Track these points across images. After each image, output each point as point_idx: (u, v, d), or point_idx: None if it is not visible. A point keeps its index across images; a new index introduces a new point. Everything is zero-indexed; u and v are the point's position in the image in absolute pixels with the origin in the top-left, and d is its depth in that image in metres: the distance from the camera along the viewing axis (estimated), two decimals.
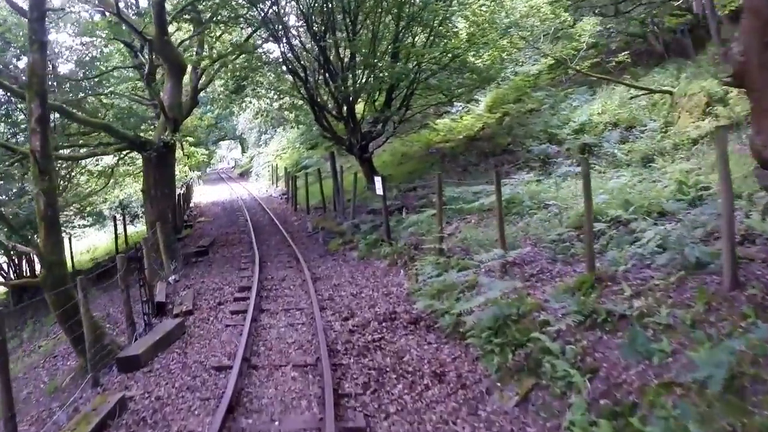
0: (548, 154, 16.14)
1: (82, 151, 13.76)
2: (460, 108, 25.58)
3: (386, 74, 15.96)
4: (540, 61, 19.79)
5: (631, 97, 16.44)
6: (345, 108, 19.51)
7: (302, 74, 18.50)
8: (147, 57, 13.08)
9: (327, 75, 18.47)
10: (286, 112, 26.60)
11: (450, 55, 17.50)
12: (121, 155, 24.04)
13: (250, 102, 34.66)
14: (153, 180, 13.13)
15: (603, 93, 17.88)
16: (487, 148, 18.75)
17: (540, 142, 16.95)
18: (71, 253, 18.81)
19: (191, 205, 29.25)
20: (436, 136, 22.79)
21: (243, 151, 60.61)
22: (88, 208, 19.13)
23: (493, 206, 11.64)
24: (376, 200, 17.05)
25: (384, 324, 7.88)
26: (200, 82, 26.77)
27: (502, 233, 8.49)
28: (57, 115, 12.72)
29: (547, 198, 11.26)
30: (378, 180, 11.80)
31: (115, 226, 19.32)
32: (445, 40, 17.22)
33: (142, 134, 14.73)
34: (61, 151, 14.62)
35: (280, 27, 18.13)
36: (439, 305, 7.88)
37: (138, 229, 26.54)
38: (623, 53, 17.55)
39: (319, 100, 19.63)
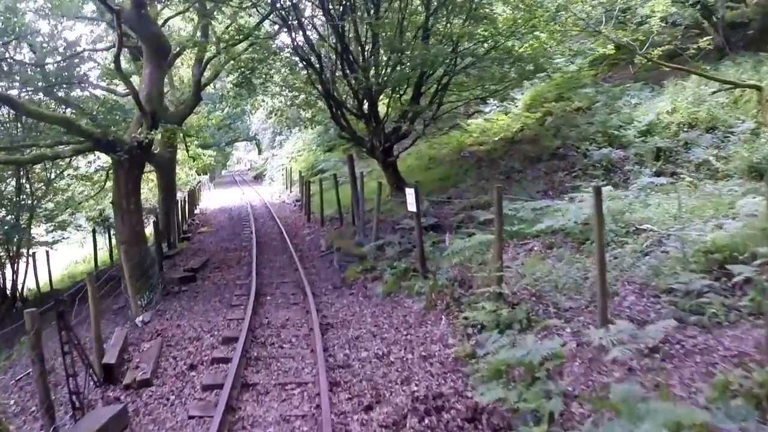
0: (612, 160, 13.26)
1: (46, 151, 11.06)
2: (494, 107, 22.84)
3: (416, 60, 13.18)
4: (595, 51, 16.83)
5: (713, 92, 13.52)
6: (366, 104, 16.81)
7: (317, 65, 15.81)
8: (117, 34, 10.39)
9: (345, 65, 15.77)
10: (300, 111, 23.98)
11: (491, 41, 14.70)
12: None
13: (263, 100, 32.44)
14: (125, 189, 10.46)
15: (669, 88, 14.95)
16: (532, 152, 15.84)
17: (598, 145, 14.06)
18: (48, 269, 16.33)
19: (196, 211, 26.73)
20: (467, 138, 20.04)
21: (259, 153, 58.26)
22: (65, 217, 16.43)
23: (564, 229, 8.85)
24: (403, 212, 14.32)
25: (427, 421, 5.10)
26: (205, 76, 24.31)
27: (603, 279, 5.64)
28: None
29: (637, 220, 8.40)
30: (410, 193, 9.03)
31: (94, 240, 16.74)
32: (484, 26, 14.42)
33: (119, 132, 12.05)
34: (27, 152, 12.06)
35: (291, 9, 15.45)
36: (511, 395, 5.06)
37: None
38: (700, 41, 14.57)
39: (336, 94, 16.95)
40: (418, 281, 8.94)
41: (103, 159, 25.19)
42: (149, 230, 19.17)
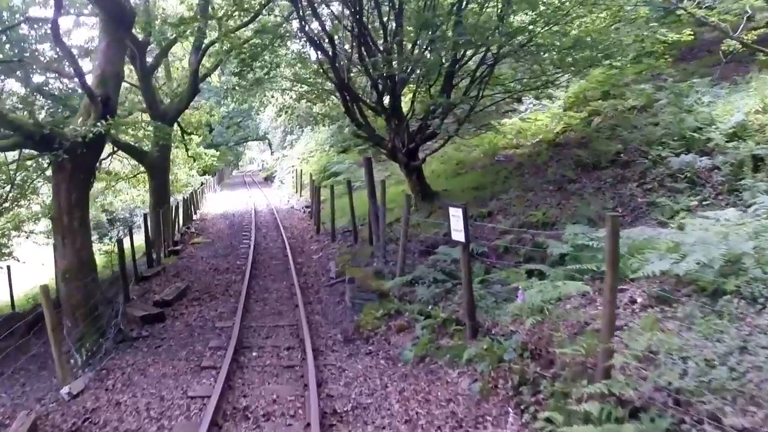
0: (697, 170, 10.40)
1: None
2: (531, 105, 20.06)
3: (454, 38, 10.44)
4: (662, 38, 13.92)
5: None
6: (387, 97, 14.10)
7: (329, 50, 13.18)
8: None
9: (362, 49, 13.10)
10: (312, 107, 21.37)
11: (543, 20, 11.93)
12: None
13: (272, 96, 30.00)
14: (66, 201, 7.72)
15: (753, 84, 12.11)
16: (586, 157, 12.97)
17: (673, 150, 11.19)
18: (10, 285, 13.79)
19: (196, 217, 24.15)
20: (500, 139, 17.33)
21: (272, 153, 55.73)
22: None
23: (690, 275, 6.04)
24: (433, 229, 11.58)
25: None
26: (206, 66, 21.72)
27: None
28: None
29: None
30: (456, 215, 6.26)
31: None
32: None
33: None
34: None
35: None
36: None
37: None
38: None
39: (351, 85, 14.28)
40: (465, 343, 6.18)
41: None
42: (140, 239, 16.70)
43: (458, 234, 6.24)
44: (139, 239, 16.33)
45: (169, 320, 8.80)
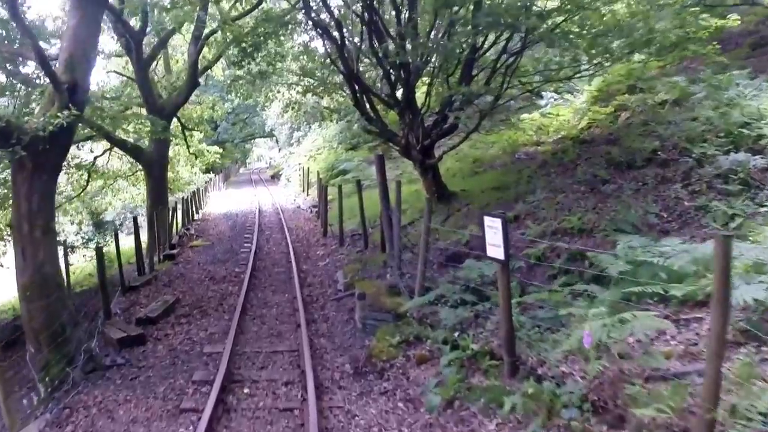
0: (750, 170, 9.13)
1: None
2: (551, 99, 18.75)
3: (478, 20, 9.21)
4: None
5: None
6: (400, 88, 12.92)
7: (337, 37, 12.02)
8: None
9: (373, 36, 11.94)
10: (317, 100, 20.22)
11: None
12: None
13: (278, 91, 28.84)
14: (27, 205, 6.58)
15: None
16: (618, 155, 11.70)
17: (719, 148, 9.92)
18: None
19: (197, 216, 23.04)
20: (520, 136, 16.13)
21: (279, 150, 54.60)
22: None
23: None
24: (452, 236, 10.36)
25: None
26: (207, 58, 20.57)
27: None
28: None
29: None
30: (494, 226, 5.02)
31: None
32: None
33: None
34: None
35: None
36: None
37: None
38: None
39: (360, 75, 13.10)
40: (503, 384, 4.98)
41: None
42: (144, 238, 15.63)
43: (495, 250, 5.02)
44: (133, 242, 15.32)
45: (150, 343, 7.61)
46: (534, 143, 15.86)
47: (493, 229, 5.03)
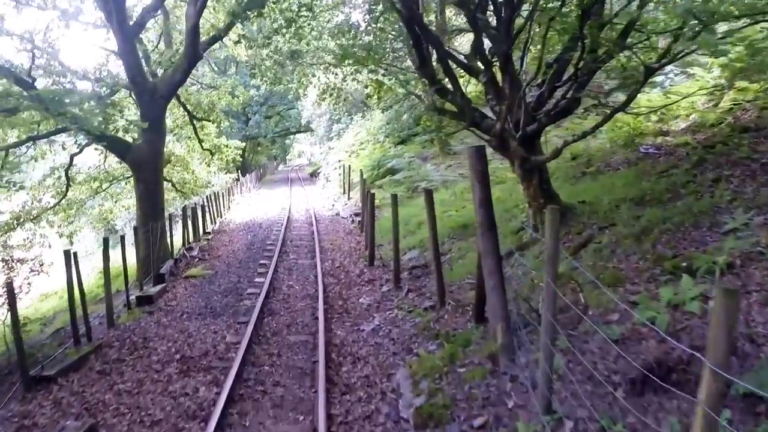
0: None
1: None
2: (671, 76, 13.96)
3: None
4: None
5: None
6: (495, 45, 8.09)
7: None
8: None
9: None
10: (360, 79, 15.49)
11: None
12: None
13: (313, 75, 24.13)
14: None
15: None
16: None
17: None
18: None
19: (213, 227, 18.55)
20: (639, 122, 11.32)
21: (318, 145, 50.11)
22: None
23: None
24: (606, 301, 5.34)
25: None
26: (216, 25, 15.98)
27: None
28: None
29: None
30: None
31: None
32: None
33: None
34: None
35: None
36: None
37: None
38: None
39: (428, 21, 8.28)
40: None
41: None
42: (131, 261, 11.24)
43: None
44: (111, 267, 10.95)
45: None
46: (656, 132, 11.04)
47: None
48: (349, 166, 23.39)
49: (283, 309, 8.65)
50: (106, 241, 10.32)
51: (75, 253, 8.07)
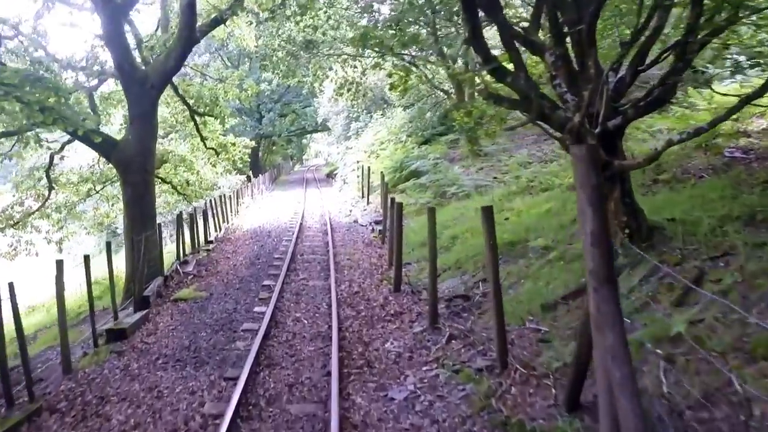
0: None
1: None
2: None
3: None
4: None
5: None
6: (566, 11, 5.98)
7: None
8: None
9: None
10: (380, 67, 13.62)
11: None
12: None
13: (330, 68, 22.14)
14: None
15: None
16: None
17: None
18: None
19: (216, 235, 16.64)
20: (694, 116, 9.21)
21: (335, 144, 48.17)
22: None
23: None
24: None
25: None
26: (219, 5, 14.01)
27: None
28: None
29: None
30: None
31: None
32: None
33: None
34: None
35: None
36: None
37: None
38: None
39: None
40: None
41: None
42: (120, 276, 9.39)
43: None
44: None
45: None
46: (733, 132, 9.10)
47: None
48: (369, 167, 21.37)
49: (285, 356, 6.63)
50: (87, 258, 8.48)
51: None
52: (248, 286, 10.37)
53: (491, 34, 12.97)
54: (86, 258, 8.67)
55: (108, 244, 8.84)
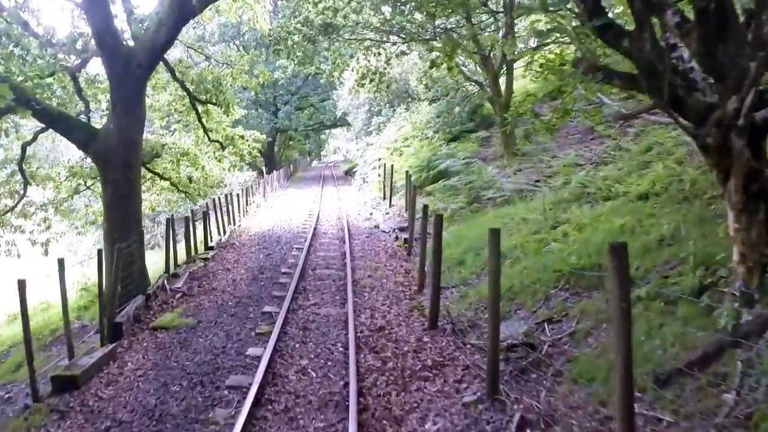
0: None
1: None
2: None
3: None
4: None
5: None
6: None
7: None
8: None
9: None
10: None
11: None
12: None
13: (351, 56, 20.12)
14: None
15: None
16: None
17: None
18: None
19: (218, 239, 14.72)
20: None
21: (355, 140, 46.20)
22: None
23: None
24: None
25: None
26: None
27: None
28: None
29: None
30: None
31: None
32: None
33: None
34: None
35: None
36: None
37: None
38: None
39: None
40: None
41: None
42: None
43: None
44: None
45: None
46: None
47: None
48: (392, 165, 19.32)
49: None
50: (61, 262, 6.60)
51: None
52: (245, 312, 8.37)
53: None
54: (60, 262, 6.89)
55: (60, 261, 6.93)
